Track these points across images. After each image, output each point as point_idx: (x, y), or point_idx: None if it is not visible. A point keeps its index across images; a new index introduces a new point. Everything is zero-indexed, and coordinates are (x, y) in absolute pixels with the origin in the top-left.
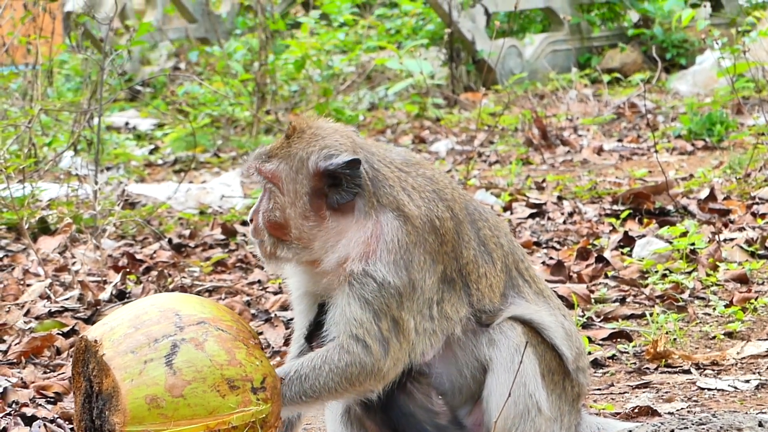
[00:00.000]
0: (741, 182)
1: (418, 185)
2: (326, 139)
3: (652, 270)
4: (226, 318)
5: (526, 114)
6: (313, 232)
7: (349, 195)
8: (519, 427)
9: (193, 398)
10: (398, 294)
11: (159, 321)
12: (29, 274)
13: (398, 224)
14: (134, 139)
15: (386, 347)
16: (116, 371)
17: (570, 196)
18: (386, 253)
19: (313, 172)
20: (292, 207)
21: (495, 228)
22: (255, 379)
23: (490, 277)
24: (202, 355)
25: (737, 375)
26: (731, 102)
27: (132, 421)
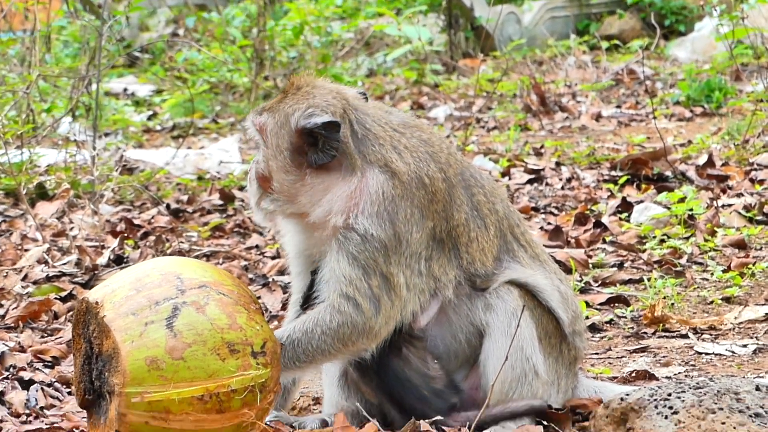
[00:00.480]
0: (739, 148)
1: (412, 146)
2: (316, 98)
3: (650, 235)
4: (227, 282)
5: (525, 80)
6: (295, 187)
7: (326, 156)
8: (516, 391)
9: (193, 361)
10: (383, 247)
11: (160, 284)
12: (27, 239)
13: (384, 178)
14: (132, 105)
15: (377, 305)
16: (117, 333)
17: (568, 162)
18: (369, 206)
19: (294, 129)
20: (274, 160)
21: (491, 194)
22: (255, 344)
23: (481, 242)
24: (203, 318)
25: (735, 339)
26: (730, 68)
27: (131, 383)
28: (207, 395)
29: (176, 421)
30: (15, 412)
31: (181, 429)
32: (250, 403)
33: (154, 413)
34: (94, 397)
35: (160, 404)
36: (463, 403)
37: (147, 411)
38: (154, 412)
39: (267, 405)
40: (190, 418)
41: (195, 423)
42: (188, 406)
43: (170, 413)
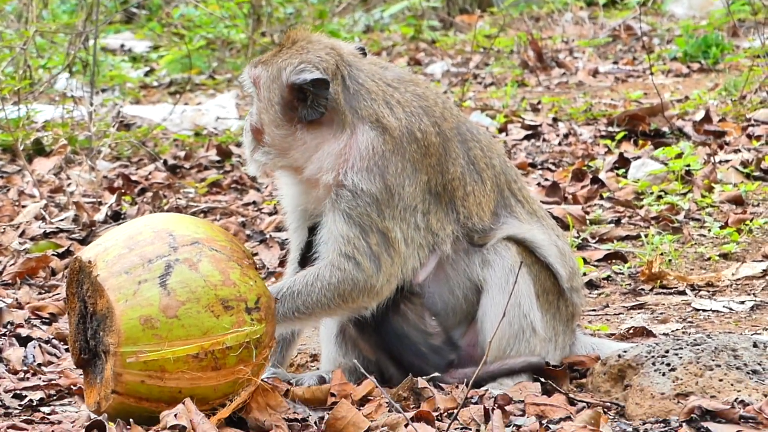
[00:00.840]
0: (736, 104)
1: (405, 100)
2: (309, 54)
3: (647, 191)
4: (220, 238)
5: (522, 36)
6: (287, 141)
7: (315, 113)
8: (514, 348)
9: (187, 319)
10: (374, 201)
11: (153, 241)
12: (24, 195)
13: (374, 134)
14: (129, 61)
15: (378, 263)
16: (110, 292)
17: (565, 118)
18: (359, 161)
19: (285, 84)
20: (265, 113)
21: (487, 149)
22: (249, 300)
23: (478, 196)
24: (196, 275)
25: (732, 296)
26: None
27: (126, 342)
28: (202, 353)
29: (172, 379)
30: (13, 368)
31: (177, 387)
32: (245, 360)
33: (149, 372)
34: (90, 356)
35: (155, 363)
36: (460, 359)
37: (143, 370)
38: (149, 371)
39: (262, 360)
40: (186, 377)
41: (191, 381)
42: (184, 364)
43: (166, 372)
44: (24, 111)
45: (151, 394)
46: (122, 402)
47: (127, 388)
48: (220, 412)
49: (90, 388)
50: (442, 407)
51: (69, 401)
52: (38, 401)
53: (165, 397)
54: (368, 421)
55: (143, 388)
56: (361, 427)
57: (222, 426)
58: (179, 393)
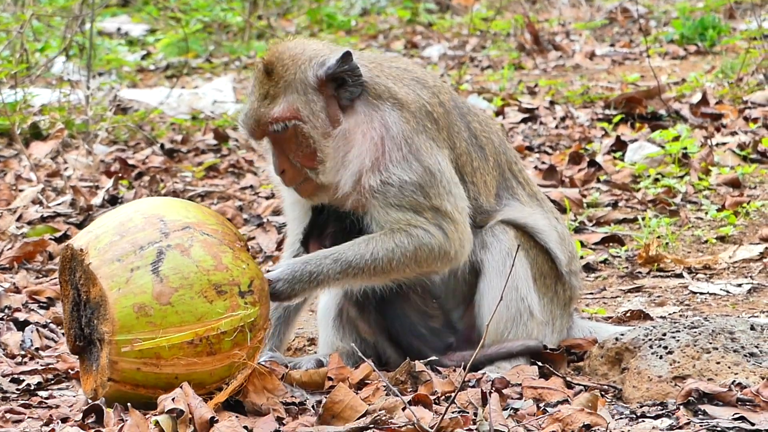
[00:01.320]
0: (733, 86)
1: (398, 75)
2: (306, 53)
3: (644, 174)
4: (211, 222)
5: (519, 19)
6: (330, 146)
7: (356, 88)
8: (511, 331)
9: (180, 305)
10: (419, 187)
11: (144, 228)
12: (21, 179)
13: (397, 114)
14: (126, 45)
15: (443, 231)
16: (103, 280)
17: (562, 101)
18: (396, 152)
19: (317, 84)
20: (314, 129)
21: (485, 123)
22: (242, 283)
23: (483, 173)
24: (188, 261)
25: (729, 279)
26: (723, 6)
27: (121, 330)
28: (197, 339)
29: (168, 366)
30: (10, 353)
31: (173, 373)
32: (240, 344)
33: (145, 360)
34: (85, 343)
35: (150, 351)
36: (458, 342)
37: (138, 358)
38: (145, 359)
39: (257, 343)
40: (182, 363)
41: (186, 367)
42: (179, 350)
43: (161, 359)
44: (21, 95)
45: (148, 381)
46: (119, 389)
47: (123, 376)
48: (217, 396)
49: (86, 375)
50: (440, 391)
51: (66, 385)
52: (36, 385)
53: (161, 384)
54: (365, 404)
55: (139, 375)
56: (359, 411)
57: (219, 410)
58: (175, 379)
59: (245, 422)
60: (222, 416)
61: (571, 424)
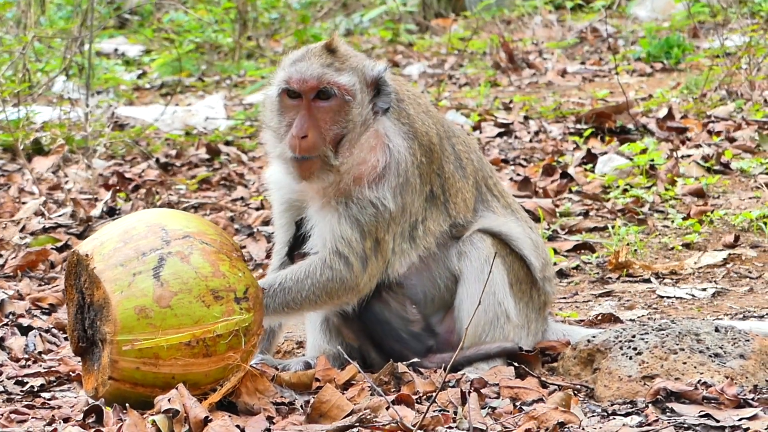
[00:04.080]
0: (697, 102)
1: (412, 101)
2: (357, 54)
3: (613, 185)
4: (210, 232)
5: (494, 39)
6: (359, 138)
7: (389, 99)
8: (489, 334)
9: (179, 308)
10: (389, 218)
11: (146, 235)
12: (24, 192)
13: (408, 145)
14: (123, 65)
15: (365, 264)
16: (106, 283)
17: (536, 116)
18: (394, 178)
19: (370, 81)
20: (357, 116)
21: (466, 144)
22: (238, 290)
23: (464, 192)
24: (188, 267)
25: (695, 284)
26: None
27: (122, 331)
28: (194, 341)
29: (166, 366)
30: (14, 356)
31: (170, 373)
32: (234, 347)
33: (144, 359)
34: (88, 344)
35: (149, 351)
36: (438, 345)
37: (138, 357)
38: (144, 358)
39: (251, 347)
40: (179, 363)
41: (183, 367)
42: (176, 351)
43: (160, 359)
44: (23, 112)
45: (146, 379)
46: (118, 387)
47: (123, 375)
48: (212, 397)
49: (88, 375)
50: (422, 390)
51: (68, 387)
52: (39, 387)
53: (159, 383)
54: (351, 404)
55: (138, 374)
56: (345, 410)
57: (213, 410)
58: (172, 379)
59: (238, 421)
60: (216, 416)
61: (545, 421)
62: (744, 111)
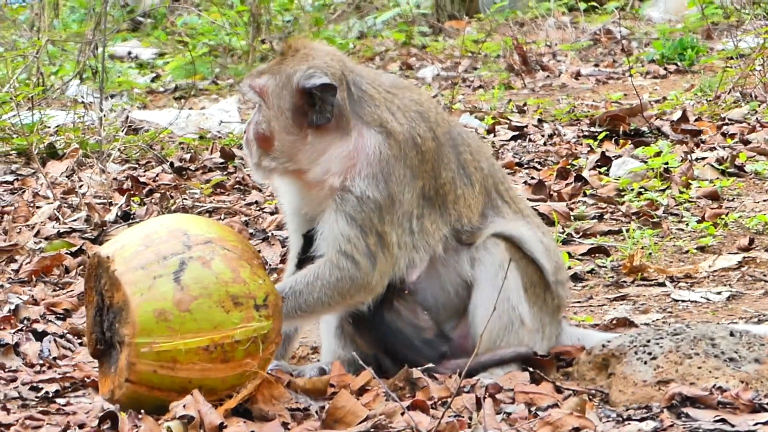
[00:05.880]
0: (711, 104)
1: (404, 106)
2: (315, 60)
3: (628, 188)
4: (231, 238)
5: (508, 41)
6: (296, 146)
7: (323, 117)
8: (504, 339)
9: (199, 313)
10: (378, 207)
11: (168, 240)
12: (39, 196)
13: (381, 138)
14: (136, 68)
15: (373, 261)
16: (127, 286)
17: (550, 119)
18: (366, 167)
19: (295, 89)
20: (276, 120)
21: (476, 152)
22: (258, 297)
23: (468, 198)
24: (209, 272)
25: (709, 287)
26: (701, 28)
27: (141, 333)
28: (212, 346)
29: (183, 370)
30: (29, 362)
31: (187, 377)
32: (252, 354)
33: (162, 362)
34: (105, 347)
35: (167, 354)
36: (452, 351)
37: (155, 360)
38: (162, 362)
39: (269, 355)
40: (196, 368)
41: (201, 372)
42: (194, 355)
43: (177, 362)
44: (37, 116)
45: (163, 383)
46: (135, 390)
47: (140, 377)
48: (227, 403)
49: (104, 378)
50: (436, 396)
51: (83, 393)
52: (54, 393)
53: (176, 387)
54: (366, 410)
55: (155, 377)
56: (360, 416)
57: (228, 416)
58: (189, 383)
59: (253, 427)
60: (231, 422)
61: (561, 427)
62: (758, 113)
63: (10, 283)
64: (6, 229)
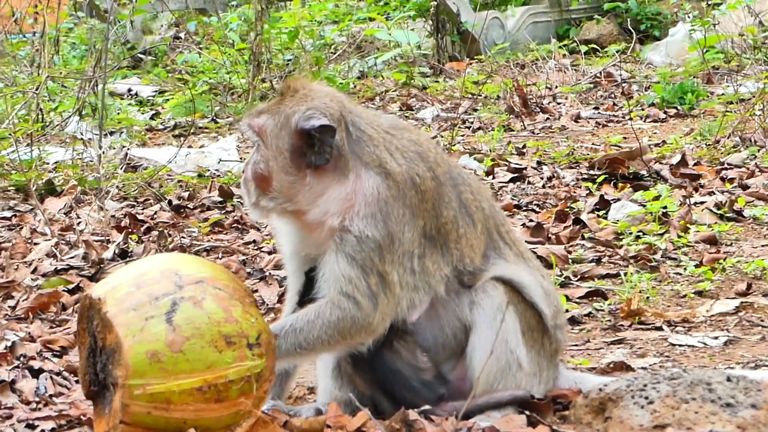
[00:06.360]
0: (711, 148)
1: (403, 146)
2: (314, 101)
3: (626, 232)
4: (223, 277)
5: (508, 83)
6: (294, 187)
7: (322, 159)
8: (501, 382)
9: (191, 353)
10: (378, 247)
11: (159, 280)
12: (36, 233)
13: (379, 179)
14: (136, 105)
15: (375, 302)
16: (119, 327)
17: (549, 161)
18: (364, 207)
19: (293, 130)
20: (274, 161)
21: (477, 192)
22: (250, 336)
23: (470, 238)
24: (201, 312)
25: (707, 332)
26: (702, 72)
27: (134, 375)
28: (206, 386)
29: (177, 410)
30: (25, 399)
31: (182, 418)
32: (246, 393)
33: (155, 404)
34: (99, 388)
35: (161, 395)
36: (450, 393)
37: (149, 402)
38: (155, 403)
39: (263, 393)
40: (191, 408)
41: (195, 412)
42: (188, 396)
43: (171, 403)
44: (36, 153)
45: (158, 424)
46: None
47: (134, 419)
48: None
49: (99, 419)
50: None
51: (79, 431)
52: (50, 431)
53: (171, 428)
54: None
55: (150, 418)
56: None
57: None
58: (184, 424)
59: None
60: None
61: None
62: (757, 158)
63: (6, 320)
64: (3, 265)
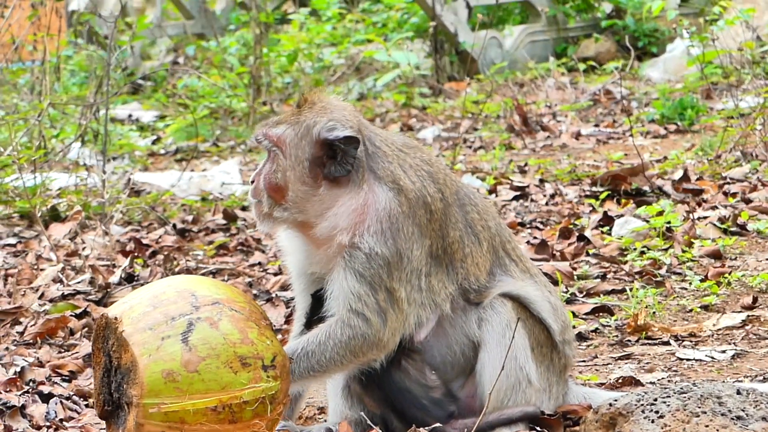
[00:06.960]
0: (712, 163)
1: (415, 165)
2: (334, 113)
3: (630, 247)
4: (239, 299)
5: (508, 102)
6: (308, 197)
7: (343, 170)
8: (511, 398)
9: (207, 374)
10: (386, 264)
11: (176, 301)
12: (42, 259)
13: (392, 195)
14: (137, 131)
15: (384, 318)
16: (135, 347)
17: (551, 179)
18: (375, 222)
19: (315, 140)
20: (292, 170)
21: (483, 212)
22: (266, 357)
23: (475, 257)
24: (217, 333)
25: (714, 346)
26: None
27: (149, 394)
28: (220, 406)
29: (191, 430)
30: (36, 424)
31: None
32: (260, 414)
33: (170, 423)
34: (113, 408)
35: (176, 415)
36: (460, 410)
37: (163, 421)
38: (170, 422)
39: (276, 416)
40: (204, 428)
41: None
42: (202, 416)
43: (185, 423)
44: (40, 179)
45: None
46: None
47: None
48: None
49: None
50: None
51: None
52: None
53: None
54: None
55: None
56: None
57: None
58: None
59: None
60: None
61: None
62: (759, 172)
63: (15, 346)
64: (10, 291)
